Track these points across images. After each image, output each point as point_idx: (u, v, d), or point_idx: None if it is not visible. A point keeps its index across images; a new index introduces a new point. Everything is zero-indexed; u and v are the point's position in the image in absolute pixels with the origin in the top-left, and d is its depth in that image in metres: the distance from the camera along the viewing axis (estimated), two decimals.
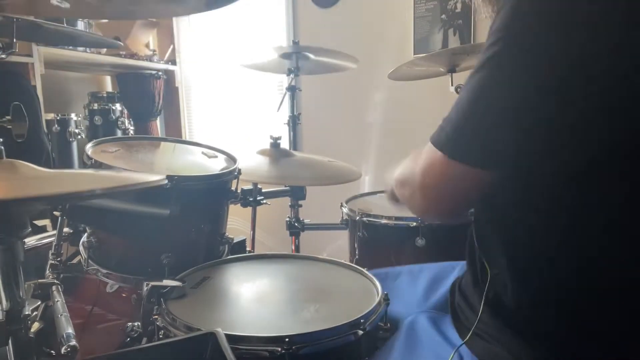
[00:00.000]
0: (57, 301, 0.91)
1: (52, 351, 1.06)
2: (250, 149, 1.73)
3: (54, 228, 1.22)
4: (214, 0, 0.89)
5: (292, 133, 2.20)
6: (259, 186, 1.65)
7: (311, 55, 1.94)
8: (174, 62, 3.30)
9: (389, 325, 0.89)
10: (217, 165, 1.35)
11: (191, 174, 1.22)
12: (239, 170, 1.30)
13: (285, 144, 1.86)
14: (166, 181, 0.70)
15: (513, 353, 0.70)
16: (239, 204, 1.55)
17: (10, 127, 1.04)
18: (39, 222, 1.90)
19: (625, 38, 0.57)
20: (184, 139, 3.02)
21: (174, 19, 3.29)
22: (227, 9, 3.07)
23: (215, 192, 1.26)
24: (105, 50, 2.76)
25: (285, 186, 1.80)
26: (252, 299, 0.97)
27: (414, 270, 1.10)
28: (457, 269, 0.99)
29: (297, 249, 1.93)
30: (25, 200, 0.58)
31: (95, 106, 2.73)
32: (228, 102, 3.25)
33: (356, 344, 0.81)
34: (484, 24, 2.32)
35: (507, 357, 0.70)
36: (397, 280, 1.06)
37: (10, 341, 0.71)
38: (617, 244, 0.63)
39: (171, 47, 3.32)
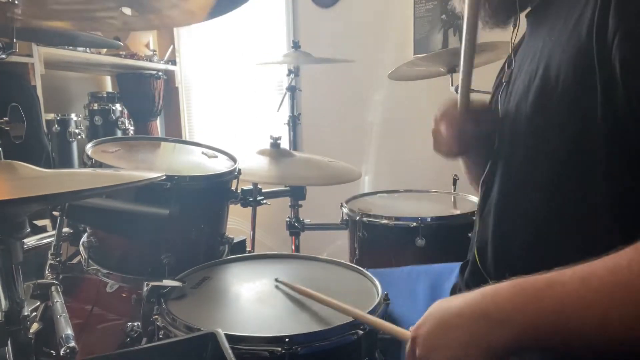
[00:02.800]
0: (57, 302, 0.91)
1: (52, 351, 1.06)
2: (250, 149, 1.73)
3: (53, 228, 1.22)
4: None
5: (292, 133, 2.20)
6: (259, 186, 1.65)
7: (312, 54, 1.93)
8: (174, 62, 3.30)
9: None
10: (217, 165, 1.35)
11: (191, 174, 1.21)
12: (239, 170, 1.30)
13: (285, 144, 1.86)
14: (164, 177, 0.70)
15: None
16: (239, 204, 1.55)
17: (7, 128, 1.04)
18: (39, 222, 1.89)
19: None
20: (184, 139, 3.03)
21: None
22: None
23: (215, 192, 1.26)
24: (105, 50, 2.76)
25: (285, 186, 1.80)
26: (252, 299, 0.97)
27: (412, 274, 1.09)
28: (455, 272, 0.99)
29: (297, 249, 1.93)
30: (21, 200, 0.57)
31: (95, 106, 2.74)
32: (228, 102, 3.25)
33: (356, 344, 0.81)
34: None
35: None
36: (395, 284, 1.05)
37: (9, 342, 0.71)
38: None
39: (171, 47, 3.32)
